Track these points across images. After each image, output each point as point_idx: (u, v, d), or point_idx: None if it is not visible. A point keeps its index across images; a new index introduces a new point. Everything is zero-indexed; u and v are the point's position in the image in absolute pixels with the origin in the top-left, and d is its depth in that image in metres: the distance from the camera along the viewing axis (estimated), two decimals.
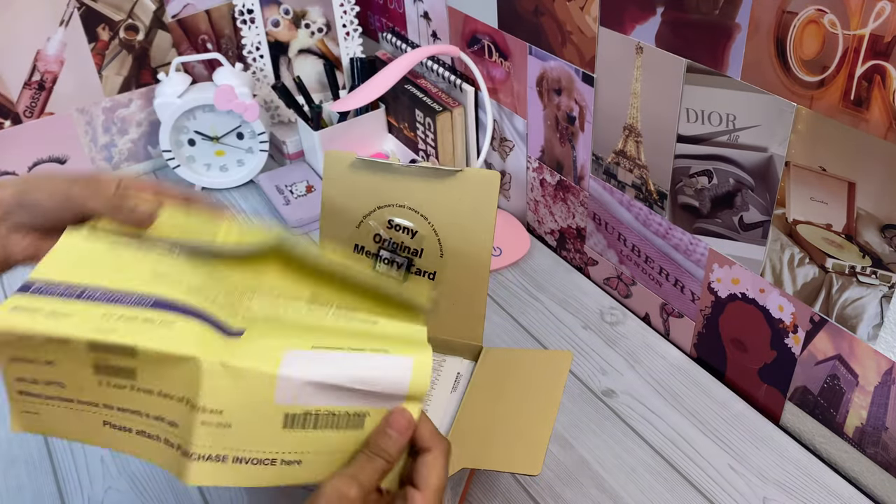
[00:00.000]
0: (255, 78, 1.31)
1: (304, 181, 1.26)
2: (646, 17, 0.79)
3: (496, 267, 1.07)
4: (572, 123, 0.97)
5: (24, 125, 1.21)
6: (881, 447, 0.76)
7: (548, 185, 1.07)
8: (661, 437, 0.83)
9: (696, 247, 0.86)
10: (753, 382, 0.87)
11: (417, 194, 0.78)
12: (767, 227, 0.77)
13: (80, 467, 0.84)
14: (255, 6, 1.26)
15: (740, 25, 0.70)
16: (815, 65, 0.65)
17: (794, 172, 0.72)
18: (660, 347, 0.94)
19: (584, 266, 1.08)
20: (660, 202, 0.89)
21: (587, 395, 0.88)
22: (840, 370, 0.76)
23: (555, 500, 0.77)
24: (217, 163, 1.28)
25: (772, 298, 0.80)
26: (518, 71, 1.02)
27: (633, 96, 0.85)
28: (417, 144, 1.21)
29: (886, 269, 0.68)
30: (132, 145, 1.33)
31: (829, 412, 0.80)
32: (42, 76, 1.20)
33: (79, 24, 1.19)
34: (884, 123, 0.62)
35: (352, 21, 1.31)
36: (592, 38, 0.87)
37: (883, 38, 0.59)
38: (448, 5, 1.10)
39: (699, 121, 0.79)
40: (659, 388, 0.89)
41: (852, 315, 0.72)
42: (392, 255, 0.80)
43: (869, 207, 0.67)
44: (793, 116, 0.69)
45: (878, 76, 0.61)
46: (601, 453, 0.82)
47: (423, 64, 1.20)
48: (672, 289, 0.93)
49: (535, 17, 0.95)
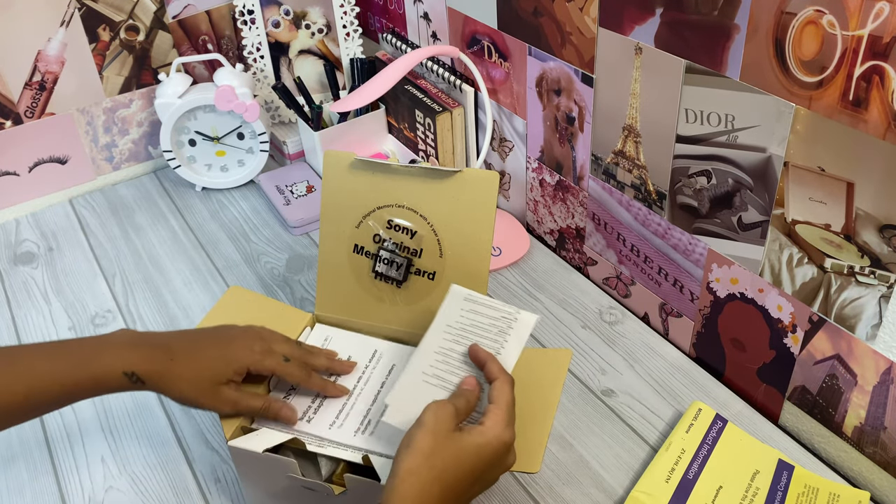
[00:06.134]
0: (255, 78, 1.31)
1: (305, 181, 1.26)
2: (645, 17, 0.79)
3: (496, 267, 1.07)
4: (571, 124, 0.97)
5: (24, 125, 1.22)
6: (880, 446, 0.76)
7: (547, 186, 1.08)
8: (661, 436, 0.83)
9: (695, 247, 0.87)
10: (752, 382, 0.88)
11: (417, 194, 0.78)
12: (766, 227, 0.77)
13: (80, 467, 0.84)
14: (255, 7, 1.26)
15: (739, 26, 0.70)
16: (813, 65, 0.65)
17: (792, 173, 0.72)
18: (659, 347, 0.94)
19: (584, 266, 1.08)
20: (659, 202, 0.89)
21: (587, 395, 0.89)
22: (839, 370, 0.76)
23: (554, 500, 0.77)
24: (217, 163, 1.29)
25: (771, 298, 0.80)
26: (517, 71, 1.02)
27: (633, 97, 0.85)
28: (417, 145, 1.22)
29: (885, 269, 0.68)
30: (133, 145, 1.33)
31: (827, 412, 0.80)
32: (43, 76, 1.20)
33: (79, 24, 1.19)
34: (882, 124, 0.62)
35: (352, 22, 1.32)
36: (592, 38, 0.87)
37: (881, 39, 0.59)
38: (448, 6, 1.11)
39: (698, 121, 0.79)
40: (658, 387, 0.89)
41: (851, 315, 0.73)
42: (392, 255, 0.80)
43: (867, 207, 0.67)
44: (791, 117, 0.69)
45: (876, 77, 0.61)
46: (601, 453, 0.82)
47: (423, 64, 1.20)
48: (671, 289, 0.93)
49: (535, 18, 0.95)
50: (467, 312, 0.70)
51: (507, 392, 0.62)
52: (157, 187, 1.32)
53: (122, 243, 1.18)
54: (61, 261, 1.16)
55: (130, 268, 1.13)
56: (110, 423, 0.89)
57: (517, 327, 0.68)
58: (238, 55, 1.35)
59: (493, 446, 0.59)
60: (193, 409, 0.89)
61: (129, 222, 1.23)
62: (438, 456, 0.57)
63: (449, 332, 0.69)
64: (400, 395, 0.66)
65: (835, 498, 0.74)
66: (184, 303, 1.06)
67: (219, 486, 0.81)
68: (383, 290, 0.81)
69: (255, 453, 0.67)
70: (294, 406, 0.72)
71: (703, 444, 0.79)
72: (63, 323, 1.04)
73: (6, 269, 1.15)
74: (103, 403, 0.91)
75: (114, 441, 0.87)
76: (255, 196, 1.28)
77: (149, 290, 1.09)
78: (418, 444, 0.57)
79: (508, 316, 0.69)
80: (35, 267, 1.15)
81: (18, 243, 1.20)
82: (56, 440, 0.87)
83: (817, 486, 0.75)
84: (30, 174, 1.26)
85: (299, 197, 1.22)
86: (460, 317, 0.70)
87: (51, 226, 1.24)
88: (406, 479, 0.55)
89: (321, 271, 0.83)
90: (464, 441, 0.58)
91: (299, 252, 1.14)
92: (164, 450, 0.85)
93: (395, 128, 1.27)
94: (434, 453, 0.57)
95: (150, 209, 1.26)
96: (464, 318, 0.70)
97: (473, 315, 0.70)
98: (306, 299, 1.05)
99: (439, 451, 0.57)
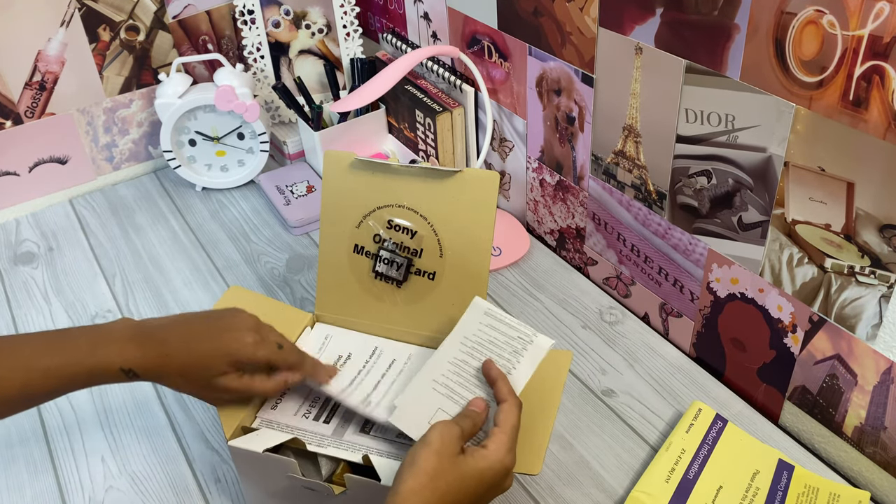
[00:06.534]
0: (255, 78, 1.31)
1: (305, 181, 1.26)
2: (645, 17, 0.79)
3: (496, 267, 1.07)
4: (572, 124, 0.97)
5: (25, 125, 1.22)
6: (880, 446, 0.76)
7: (547, 186, 1.08)
8: (661, 436, 0.83)
9: (696, 247, 0.87)
10: (752, 382, 0.88)
11: (417, 194, 0.78)
12: (766, 227, 0.77)
13: (80, 467, 0.84)
14: (255, 7, 1.26)
15: (739, 26, 0.70)
16: (814, 65, 0.65)
17: (792, 173, 0.72)
18: (659, 347, 0.94)
19: (584, 266, 1.08)
20: (659, 202, 0.89)
21: (587, 395, 0.88)
22: (839, 370, 0.76)
23: (555, 500, 0.77)
24: (218, 163, 1.29)
25: (771, 298, 0.80)
26: (518, 71, 1.02)
27: (633, 97, 0.85)
28: (417, 145, 1.22)
29: (885, 269, 0.68)
30: (133, 145, 1.33)
31: (828, 412, 0.80)
32: (43, 76, 1.20)
33: (80, 24, 1.19)
34: (882, 124, 0.62)
35: (352, 22, 1.32)
36: (592, 38, 0.87)
37: (882, 39, 0.59)
38: (448, 6, 1.11)
39: (698, 121, 0.79)
40: (658, 387, 0.89)
41: (851, 315, 0.73)
42: (392, 255, 0.80)
43: (868, 207, 0.67)
44: (792, 117, 0.69)
45: (876, 77, 0.61)
46: (601, 453, 0.82)
47: (423, 64, 1.20)
48: (671, 288, 0.93)
49: (535, 18, 0.95)
50: (485, 327, 0.70)
51: (513, 416, 0.63)
52: (157, 187, 1.32)
53: (122, 243, 1.18)
54: (61, 261, 1.16)
55: (130, 268, 1.13)
56: (110, 423, 0.89)
57: (532, 350, 0.68)
58: (238, 55, 1.35)
59: (495, 470, 0.60)
60: (193, 410, 0.89)
61: (129, 222, 1.23)
62: (442, 478, 0.58)
63: (465, 344, 0.69)
64: (409, 399, 0.67)
65: (835, 498, 0.74)
66: (184, 303, 1.06)
67: (219, 486, 0.81)
68: (383, 290, 0.81)
69: (255, 453, 0.67)
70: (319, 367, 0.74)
71: (703, 444, 0.79)
72: (63, 323, 1.04)
73: (6, 268, 1.15)
74: (103, 403, 0.91)
75: (114, 440, 0.87)
76: (255, 196, 1.28)
77: (149, 289, 1.09)
78: (423, 464, 0.58)
79: (525, 337, 0.69)
80: (35, 267, 1.15)
81: (18, 243, 1.20)
82: (56, 440, 0.87)
83: (817, 486, 0.75)
84: (30, 174, 1.26)
85: (299, 197, 1.22)
86: (478, 330, 0.70)
87: (51, 226, 1.24)
88: (409, 498, 0.56)
89: (321, 271, 0.83)
90: (467, 465, 0.59)
91: (299, 252, 1.14)
92: (164, 450, 0.85)
93: (396, 128, 1.27)
94: (438, 475, 0.57)
95: (150, 209, 1.26)
96: (481, 333, 0.70)
97: (491, 331, 0.70)
98: (306, 299, 1.05)
99: (443, 473, 0.58)
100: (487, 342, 0.69)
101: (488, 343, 0.69)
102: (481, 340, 0.69)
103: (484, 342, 0.69)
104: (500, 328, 0.70)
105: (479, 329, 0.70)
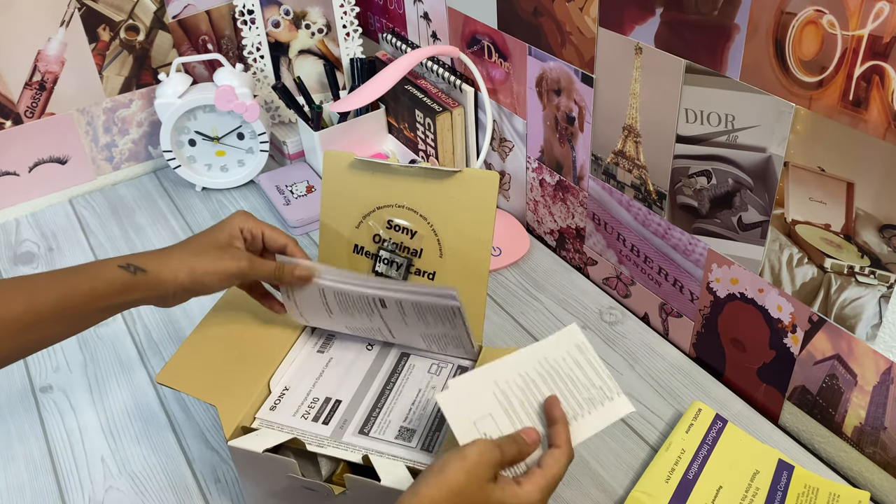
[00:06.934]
0: (255, 78, 1.31)
1: (305, 181, 1.26)
2: (645, 17, 0.79)
3: (496, 267, 1.07)
4: (571, 124, 0.97)
5: (24, 125, 1.22)
6: (880, 446, 0.76)
7: (547, 186, 1.08)
8: (661, 436, 0.83)
9: (695, 247, 0.87)
10: (752, 382, 0.88)
11: (417, 194, 0.78)
12: (766, 227, 0.77)
13: (80, 466, 0.84)
14: (255, 7, 1.26)
15: (739, 26, 0.70)
16: (813, 65, 0.65)
17: (792, 173, 0.72)
18: (659, 347, 0.94)
19: (584, 266, 1.08)
20: (659, 202, 0.89)
21: None
22: (839, 370, 0.76)
23: (555, 500, 0.77)
24: (217, 163, 1.29)
25: (770, 298, 0.80)
26: (517, 71, 1.02)
27: (633, 97, 0.85)
28: (417, 145, 1.22)
29: (885, 269, 0.68)
30: (133, 145, 1.33)
31: (827, 412, 0.80)
32: (43, 76, 1.20)
33: (79, 24, 1.19)
34: (882, 124, 0.62)
35: (352, 21, 1.32)
36: (592, 38, 0.87)
37: (882, 39, 0.59)
38: (448, 6, 1.11)
39: (698, 121, 0.79)
40: (658, 387, 0.89)
41: (851, 315, 0.73)
42: (392, 256, 0.80)
43: (867, 207, 0.67)
44: (791, 117, 0.69)
45: (876, 77, 0.61)
46: (601, 453, 0.82)
47: (422, 64, 1.20)
48: (671, 289, 0.93)
49: (535, 18, 0.95)
50: (571, 360, 0.65)
51: (560, 467, 0.59)
52: (157, 187, 1.32)
53: (122, 243, 1.18)
54: (61, 261, 1.16)
55: None
56: (110, 423, 0.89)
57: (609, 407, 0.64)
58: (238, 55, 1.35)
59: None
60: (193, 410, 0.89)
61: (129, 222, 1.23)
62: (463, 499, 0.54)
63: (542, 364, 0.64)
64: (463, 386, 0.62)
65: (835, 498, 0.74)
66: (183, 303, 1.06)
67: (219, 486, 0.81)
68: None
69: (255, 453, 0.67)
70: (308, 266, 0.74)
71: (703, 444, 0.79)
72: None
73: (6, 269, 1.15)
74: (103, 402, 0.91)
75: (114, 441, 0.87)
76: (255, 196, 1.28)
77: None
78: (450, 476, 0.55)
79: (607, 391, 0.65)
80: (35, 267, 1.15)
81: (18, 243, 1.20)
82: (56, 439, 0.87)
83: (817, 486, 0.75)
84: (30, 174, 1.26)
85: (299, 197, 1.22)
86: (562, 359, 0.65)
87: (51, 226, 1.24)
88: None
89: None
90: (494, 496, 0.56)
91: None
92: (164, 450, 0.85)
93: (395, 128, 1.27)
94: (460, 494, 0.54)
95: (150, 209, 1.26)
96: (564, 363, 0.65)
97: (575, 367, 0.65)
98: None
99: (467, 495, 0.55)
100: (566, 375, 0.64)
101: (567, 377, 0.64)
102: (560, 371, 0.64)
103: (563, 373, 0.64)
104: (586, 369, 0.65)
105: (564, 358, 0.65)
